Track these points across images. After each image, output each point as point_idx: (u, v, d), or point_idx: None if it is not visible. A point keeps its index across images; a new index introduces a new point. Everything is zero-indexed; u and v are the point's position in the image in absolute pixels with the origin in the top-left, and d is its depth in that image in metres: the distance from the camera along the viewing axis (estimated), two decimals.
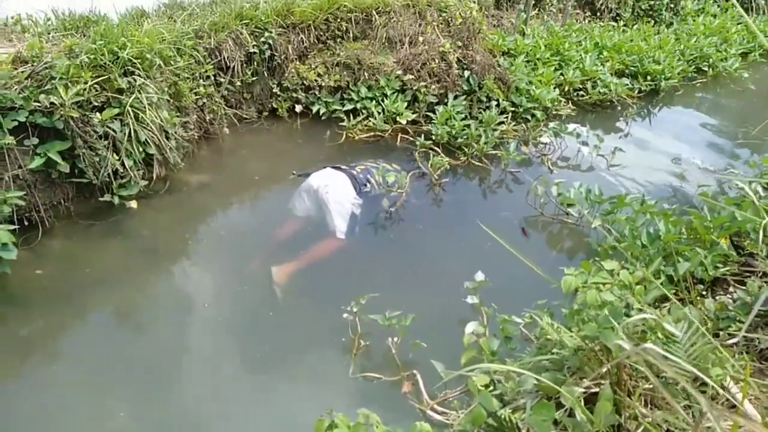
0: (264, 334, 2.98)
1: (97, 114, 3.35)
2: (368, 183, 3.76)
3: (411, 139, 4.78)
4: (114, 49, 3.50)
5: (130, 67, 3.56)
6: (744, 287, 2.55)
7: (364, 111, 4.91)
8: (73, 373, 2.70)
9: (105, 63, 3.44)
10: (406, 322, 2.62)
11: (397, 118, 4.79)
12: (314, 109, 4.91)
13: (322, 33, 5.03)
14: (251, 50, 4.57)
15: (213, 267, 3.40)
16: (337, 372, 2.74)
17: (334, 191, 3.56)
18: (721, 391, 1.65)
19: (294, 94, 4.91)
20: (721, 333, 2.29)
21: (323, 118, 4.92)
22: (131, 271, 3.30)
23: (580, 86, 5.77)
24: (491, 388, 1.92)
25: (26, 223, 3.39)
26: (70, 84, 3.26)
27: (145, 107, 3.54)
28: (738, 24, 8.03)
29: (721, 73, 6.91)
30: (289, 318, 3.07)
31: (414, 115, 4.88)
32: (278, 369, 2.80)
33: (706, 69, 6.85)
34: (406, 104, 4.87)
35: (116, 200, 3.57)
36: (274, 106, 4.95)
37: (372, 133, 4.82)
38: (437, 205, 4.13)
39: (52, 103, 3.18)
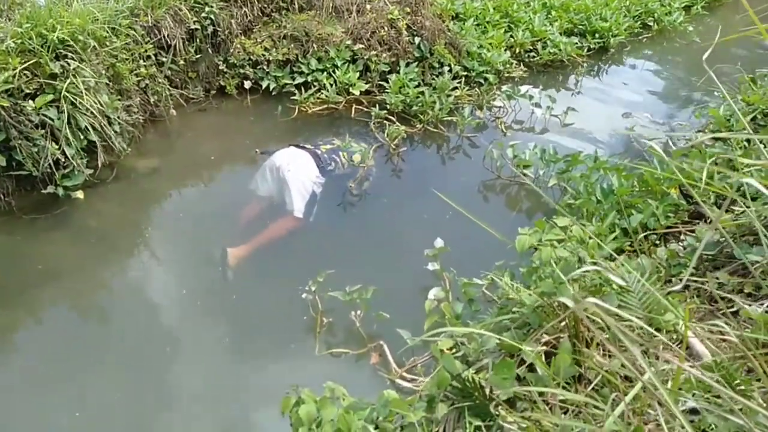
0: (227, 318, 2.94)
1: (30, 102, 3.18)
2: (333, 162, 3.68)
3: (365, 110, 4.71)
4: (42, 32, 3.30)
5: (62, 50, 3.37)
6: (693, 234, 2.63)
7: (315, 84, 4.80)
8: (26, 371, 2.62)
9: (34, 47, 3.25)
10: (367, 295, 2.62)
11: (350, 89, 4.71)
12: (264, 84, 4.77)
13: (266, 5, 4.86)
14: (192, 27, 4.38)
15: (168, 253, 3.31)
16: (303, 351, 2.73)
17: (296, 170, 3.49)
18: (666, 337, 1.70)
19: (242, 70, 4.75)
20: (673, 279, 2.37)
21: (274, 93, 4.79)
22: (82, 264, 3.18)
23: (531, 47, 5.77)
24: (455, 351, 1.94)
25: None
26: None
27: (82, 92, 3.36)
28: None
29: (666, 28, 7.01)
30: (251, 301, 3.03)
31: (367, 86, 4.80)
32: (243, 353, 2.77)
33: (651, 24, 6.94)
34: (358, 74, 4.78)
35: (60, 191, 3.41)
36: (222, 83, 4.78)
37: (325, 106, 4.72)
38: (397, 175, 4.11)
39: None
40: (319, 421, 1.65)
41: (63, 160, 3.36)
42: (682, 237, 2.87)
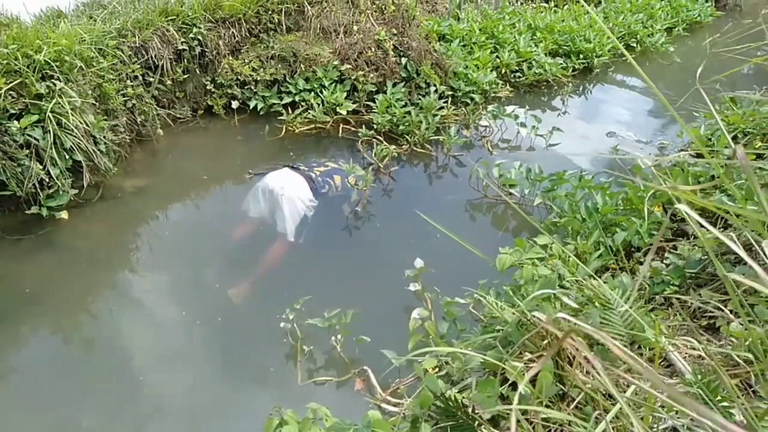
0: (212, 342, 2.89)
1: (15, 122, 3.16)
2: (327, 185, 3.66)
3: (353, 129, 4.74)
4: (29, 53, 3.30)
5: (48, 71, 3.37)
6: (677, 252, 2.66)
7: (303, 104, 4.83)
8: (14, 396, 2.56)
9: (20, 68, 3.25)
10: (346, 319, 2.58)
11: (337, 109, 4.74)
12: (251, 104, 4.79)
13: (253, 26, 4.90)
14: (180, 47, 4.41)
15: (154, 275, 3.27)
16: (285, 376, 2.68)
17: (290, 193, 3.45)
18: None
19: (229, 90, 4.78)
20: (656, 297, 2.39)
21: (261, 113, 4.82)
22: (66, 286, 3.14)
23: (517, 68, 5.87)
24: (439, 370, 1.93)
25: None
26: None
27: (68, 112, 3.36)
28: (661, 0, 8.34)
29: (648, 48, 7.17)
30: (237, 324, 2.98)
31: (354, 105, 4.84)
32: (226, 379, 2.72)
33: (634, 45, 7.08)
34: (345, 94, 4.82)
35: (45, 212, 3.38)
36: (210, 103, 4.80)
37: (312, 126, 4.75)
38: (387, 195, 4.12)
39: None
40: None
41: (47, 180, 3.34)
42: (665, 255, 2.90)
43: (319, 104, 4.76)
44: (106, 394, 2.60)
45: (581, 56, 6.32)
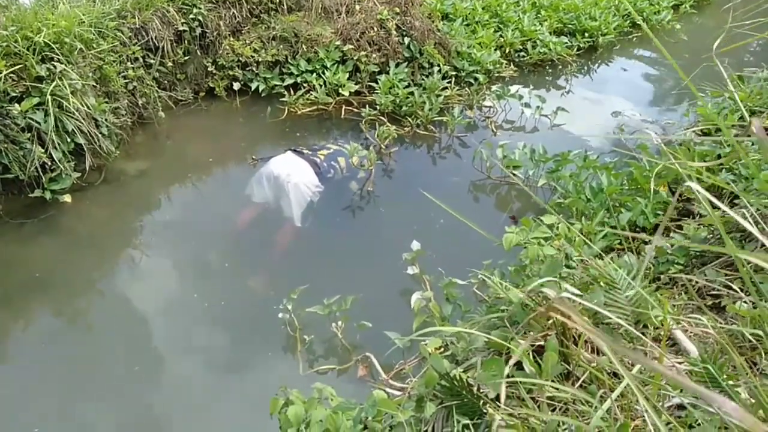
0: (215, 326, 2.90)
1: (16, 105, 3.14)
2: (332, 169, 3.64)
3: (355, 110, 4.71)
4: (28, 35, 3.27)
5: (48, 53, 3.34)
6: (682, 231, 2.64)
7: (305, 85, 4.79)
8: (20, 377, 2.59)
9: (19, 50, 3.22)
10: (346, 306, 2.56)
11: (340, 90, 4.70)
12: (253, 86, 4.75)
13: (254, 6, 4.84)
14: (180, 28, 4.36)
15: (157, 257, 3.28)
16: (288, 373, 2.66)
17: (296, 179, 3.43)
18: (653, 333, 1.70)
19: (231, 72, 4.73)
20: (661, 276, 2.38)
21: (263, 94, 4.78)
22: (70, 269, 3.15)
23: (521, 47, 5.79)
24: (444, 350, 1.93)
25: None
26: None
27: (68, 95, 3.33)
28: None
29: (655, 26, 7.05)
30: (239, 308, 3.00)
31: (356, 86, 4.79)
32: (230, 362, 2.73)
33: (640, 23, 6.97)
34: (347, 75, 4.77)
35: (48, 195, 3.38)
36: (211, 85, 4.76)
37: (315, 107, 4.71)
38: (388, 176, 4.10)
39: None
40: (307, 422, 1.64)
41: (50, 163, 3.33)
42: (671, 234, 2.88)
43: (321, 85, 4.71)
44: (108, 375, 2.62)
45: (586, 35, 6.23)
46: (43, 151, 3.27)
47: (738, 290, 1.94)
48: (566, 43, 5.95)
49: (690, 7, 7.73)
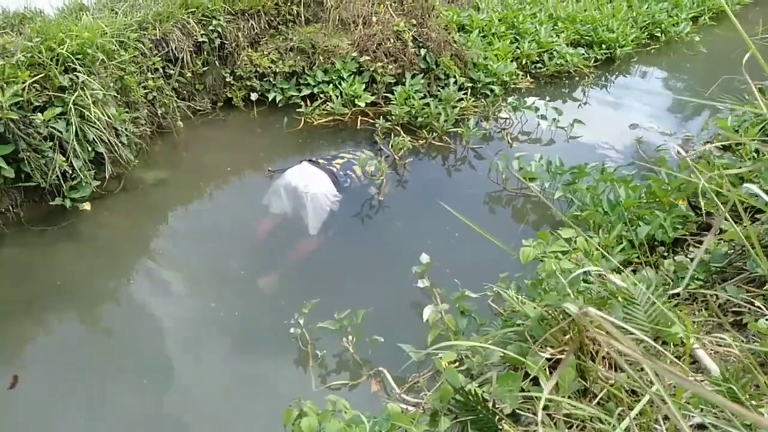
0: (229, 335, 2.91)
1: (39, 114, 3.21)
2: (349, 179, 3.66)
3: (371, 121, 4.73)
4: (52, 46, 3.34)
5: (71, 64, 3.40)
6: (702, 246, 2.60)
7: (321, 95, 4.83)
8: (38, 383, 2.61)
9: (43, 61, 3.29)
10: (357, 320, 2.53)
11: (356, 101, 4.72)
12: (270, 96, 4.80)
13: (272, 18, 4.90)
14: (200, 39, 4.43)
15: (175, 267, 3.30)
16: (300, 388, 2.62)
17: (315, 190, 3.43)
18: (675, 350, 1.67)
19: (248, 83, 4.79)
20: (681, 292, 2.34)
21: (280, 105, 4.82)
22: (89, 276, 3.19)
23: (537, 58, 5.79)
24: (459, 364, 1.92)
25: None
26: (6, 85, 3.10)
27: (90, 104, 3.39)
28: None
29: (673, 38, 7.01)
30: (254, 317, 3.00)
31: (373, 97, 4.81)
32: (244, 372, 2.73)
33: (658, 35, 6.93)
34: (363, 86, 4.80)
35: (68, 203, 3.44)
36: (229, 95, 4.82)
37: (331, 118, 4.74)
38: (402, 186, 4.10)
39: None
40: None
41: (70, 171, 3.38)
42: (690, 249, 2.84)
43: (337, 96, 4.75)
44: (125, 381, 2.64)
45: (603, 46, 6.20)
46: (64, 159, 3.32)
47: (761, 307, 1.90)
48: (583, 54, 5.93)
49: (709, 19, 7.67)
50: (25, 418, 2.46)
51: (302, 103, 4.78)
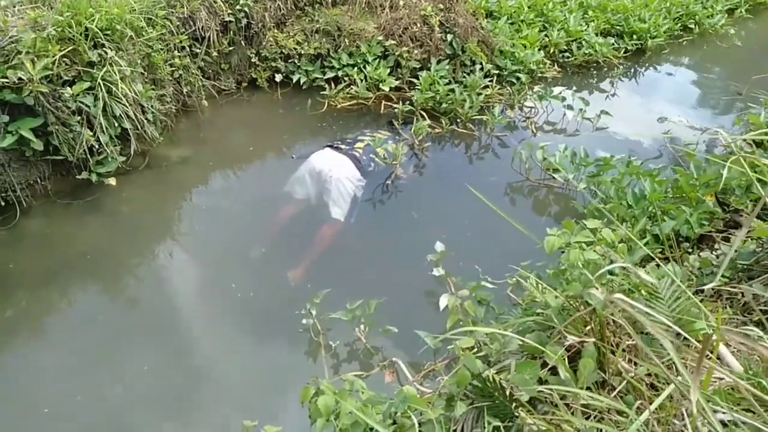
0: (243, 313, 2.94)
1: (68, 88, 3.24)
2: (372, 163, 3.66)
3: (395, 106, 4.69)
4: (82, 21, 3.37)
5: (99, 39, 3.43)
6: (728, 243, 2.55)
7: (345, 79, 4.81)
8: (62, 350, 2.69)
9: (73, 35, 3.32)
10: (370, 310, 2.51)
11: (380, 85, 4.69)
12: (294, 78, 4.79)
13: None
14: (227, 19, 4.43)
15: (195, 243, 3.35)
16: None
17: (339, 175, 3.44)
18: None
19: (273, 64, 4.78)
20: (705, 289, 2.30)
21: (304, 87, 4.82)
22: (113, 249, 3.25)
23: (566, 47, 5.68)
24: (476, 351, 1.91)
25: (2, 204, 3.32)
26: (37, 58, 3.14)
27: (117, 80, 3.42)
28: None
29: (707, 31, 6.82)
30: (268, 300, 3.03)
31: (397, 82, 4.78)
32: (261, 347, 2.76)
33: (692, 26, 6.75)
34: (388, 70, 4.76)
35: (94, 178, 3.49)
36: (253, 76, 4.83)
37: (354, 101, 4.73)
38: (419, 173, 4.08)
39: (20, 79, 3.07)
40: (337, 413, 1.64)
41: (97, 146, 3.43)
42: (716, 246, 2.79)
43: (362, 80, 4.72)
44: (146, 351, 2.70)
45: (634, 37, 6.06)
46: (91, 134, 3.37)
47: None
48: (613, 44, 5.81)
49: (746, 11, 7.44)
50: (48, 383, 2.53)
51: (326, 85, 4.76)
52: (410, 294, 2.97)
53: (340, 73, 4.81)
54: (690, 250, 2.80)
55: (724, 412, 1.21)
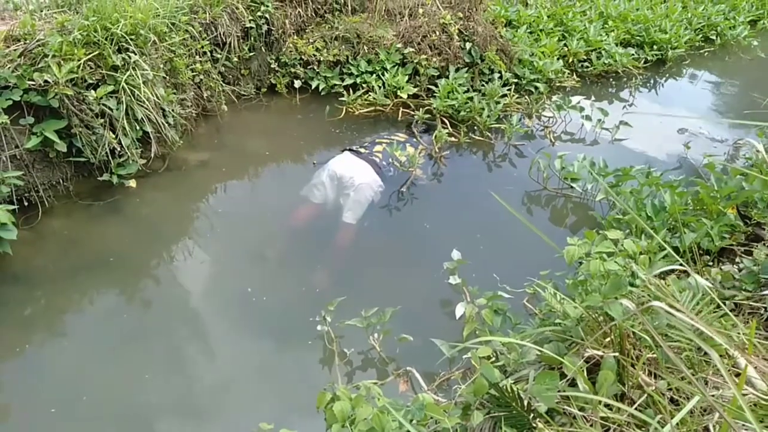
0: (259, 317, 2.95)
1: (92, 91, 3.30)
2: (392, 168, 3.70)
3: (412, 113, 4.71)
4: (107, 25, 3.43)
5: (124, 44, 3.49)
6: (751, 257, 2.51)
7: (364, 85, 4.83)
8: (79, 349, 2.72)
9: (98, 40, 3.38)
10: (385, 318, 2.49)
11: (398, 93, 4.71)
12: (313, 84, 4.83)
13: (320, 6, 4.93)
14: (248, 25, 4.48)
15: (213, 247, 3.37)
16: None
17: (361, 181, 3.47)
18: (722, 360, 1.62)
19: (292, 70, 4.83)
20: (726, 302, 2.26)
21: (323, 93, 4.85)
22: (132, 250, 3.29)
23: (585, 57, 5.66)
24: (493, 360, 1.90)
25: (26, 204, 3.38)
26: (63, 61, 3.20)
27: (140, 84, 3.48)
28: None
29: (729, 42, 6.76)
30: (282, 306, 3.04)
31: (415, 89, 4.80)
32: (276, 351, 2.77)
33: (714, 38, 6.70)
34: (407, 78, 4.78)
35: (115, 179, 3.54)
36: (273, 81, 4.88)
37: (372, 108, 4.75)
38: (438, 180, 4.08)
39: (46, 81, 3.14)
40: (353, 419, 1.64)
41: (119, 149, 3.48)
42: (737, 259, 2.74)
43: (380, 87, 4.75)
44: (162, 353, 2.72)
45: (655, 47, 6.02)
46: (113, 136, 3.42)
47: None
48: (633, 54, 5.77)
49: None
50: (66, 380, 2.56)
51: (344, 92, 4.79)
52: (424, 302, 2.96)
53: (358, 80, 4.84)
54: (711, 263, 2.76)
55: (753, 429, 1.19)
